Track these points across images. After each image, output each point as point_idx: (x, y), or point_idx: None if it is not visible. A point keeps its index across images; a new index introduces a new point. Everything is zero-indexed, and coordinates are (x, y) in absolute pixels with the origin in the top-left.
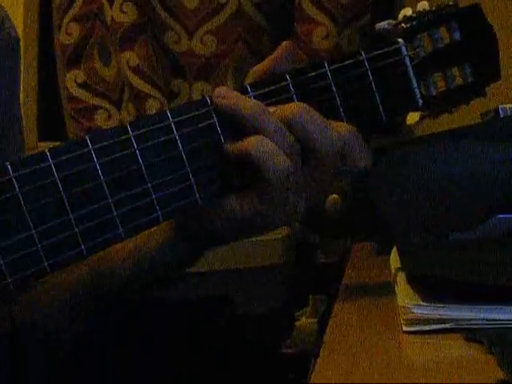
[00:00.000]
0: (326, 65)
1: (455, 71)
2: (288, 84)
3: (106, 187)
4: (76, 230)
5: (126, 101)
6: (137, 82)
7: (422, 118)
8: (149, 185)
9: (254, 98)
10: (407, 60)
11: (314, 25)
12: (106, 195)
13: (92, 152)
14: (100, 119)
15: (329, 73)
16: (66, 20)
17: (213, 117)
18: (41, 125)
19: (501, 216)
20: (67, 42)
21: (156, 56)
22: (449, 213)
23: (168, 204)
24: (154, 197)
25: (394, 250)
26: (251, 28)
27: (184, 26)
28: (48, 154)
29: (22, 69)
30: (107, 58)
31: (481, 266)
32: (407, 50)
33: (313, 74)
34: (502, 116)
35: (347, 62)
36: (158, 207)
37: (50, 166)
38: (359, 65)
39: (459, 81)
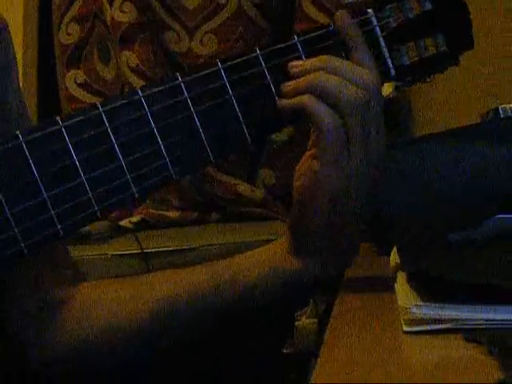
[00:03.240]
0: (295, 37)
1: (428, 41)
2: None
3: (79, 166)
4: (51, 211)
5: None
6: (136, 81)
7: (395, 88)
8: (122, 163)
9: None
10: (377, 30)
11: (314, 25)
12: (79, 174)
13: (63, 131)
14: None
15: (298, 44)
16: (65, 20)
17: (184, 92)
18: None
19: (501, 216)
20: (67, 42)
21: (156, 56)
22: (449, 213)
23: (143, 181)
24: (128, 175)
25: (394, 250)
26: (251, 28)
27: (184, 26)
28: (19, 134)
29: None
30: (107, 57)
31: (481, 266)
32: (377, 21)
33: (283, 45)
34: (501, 116)
35: (317, 33)
36: (132, 185)
37: (22, 145)
38: (330, 36)
39: (432, 50)
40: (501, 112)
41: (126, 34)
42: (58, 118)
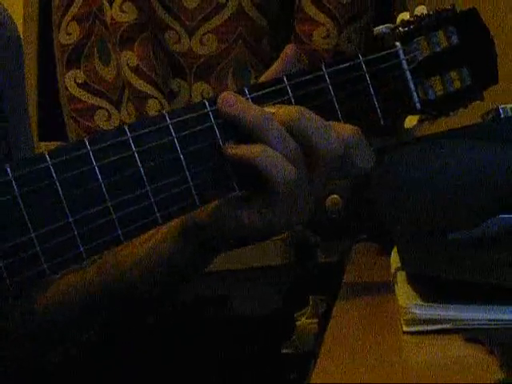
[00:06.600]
0: (323, 67)
1: (453, 75)
2: (285, 86)
3: (104, 190)
4: (75, 232)
5: (126, 101)
6: (137, 81)
7: (420, 121)
8: (147, 187)
9: (252, 99)
10: (404, 63)
11: (315, 25)
12: (104, 198)
13: (90, 154)
14: (100, 119)
15: (326, 75)
16: (65, 20)
17: (211, 120)
18: (41, 125)
19: (501, 216)
20: (67, 42)
21: (156, 56)
22: (449, 212)
23: (167, 207)
24: (152, 200)
25: (394, 250)
26: (251, 28)
27: (184, 26)
28: (47, 155)
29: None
30: (107, 57)
31: (481, 265)
32: (404, 54)
33: (310, 76)
34: (502, 116)
35: (345, 65)
36: (156, 210)
37: (49, 167)
38: (357, 68)
39: (457, 84)
40: (501, 112)
41: (126, 34)
42: (85, 139)
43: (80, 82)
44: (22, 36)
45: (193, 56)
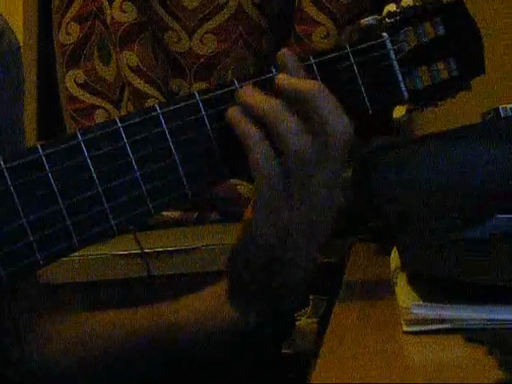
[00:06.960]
0: (311, 58)
1: (440, 65)
2: (274, 76)
3: (96, 180)
4: (68, 222)
5: (126, 100)
6: (136, 81)
7: (408, 111)
8: (139, 177)
9: None
10: (392, 54)
11: (314, 25)
12: (96, 188)
13: (82, 144)
14: (99, 119)
15: (314, 66)
16: (65, 20)
17: (201, 109)
18: (40, 125)
19: (501, 216)
20: (67, 42)
21: (156, 56)
22: (449, 212)
23: (158, 196)
24: (144, 189)
25: (394, 249)
26: (251, 28)
27: (184, 26)
28: (39, 147)
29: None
30: (107, 57)
31: (481, 265)
32: (392, 44)
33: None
34: (502, 116)
35: (332, 55)
36: (148, 200)
37: (41, 158)
38: (344, 58)
39: (444, 74)
40: (501, 112)
41: (126, 34)
42: (77, 131)
43: (80, 81)
44: (22, 35)
45: (193, 56)
